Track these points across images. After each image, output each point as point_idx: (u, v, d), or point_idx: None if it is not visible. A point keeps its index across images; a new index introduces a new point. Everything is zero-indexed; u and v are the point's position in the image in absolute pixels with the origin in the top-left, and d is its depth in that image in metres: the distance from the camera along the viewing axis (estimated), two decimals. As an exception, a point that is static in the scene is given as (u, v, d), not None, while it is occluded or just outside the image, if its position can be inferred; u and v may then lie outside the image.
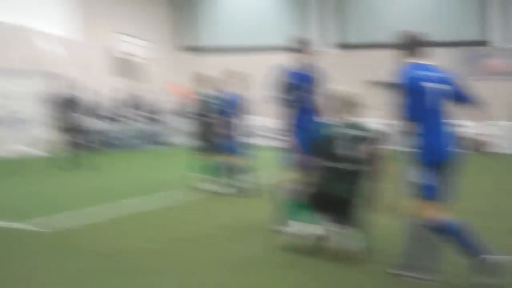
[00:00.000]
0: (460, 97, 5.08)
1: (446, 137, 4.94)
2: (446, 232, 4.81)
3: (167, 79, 23.92)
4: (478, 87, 9.36)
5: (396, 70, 5.06)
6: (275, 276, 5.32)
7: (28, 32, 18.46)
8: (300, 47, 7.03)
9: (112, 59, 22.23)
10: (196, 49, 25.80)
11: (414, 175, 4.92)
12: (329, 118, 5.98)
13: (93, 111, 18.22)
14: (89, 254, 6.00)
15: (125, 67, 22.81)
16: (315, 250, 5.90)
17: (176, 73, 24.03)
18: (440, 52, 19.51)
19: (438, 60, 5.87)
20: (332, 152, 5.64)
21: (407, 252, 5.03)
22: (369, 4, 23.06)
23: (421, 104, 4.89)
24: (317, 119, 6.72)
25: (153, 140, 21.31)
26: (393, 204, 5.29)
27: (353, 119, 5.75)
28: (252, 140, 10.32)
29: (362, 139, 5.63)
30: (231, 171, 9.88)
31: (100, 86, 20.22)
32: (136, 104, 21.65)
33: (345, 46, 23.11)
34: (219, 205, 9.09)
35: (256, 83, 9.94)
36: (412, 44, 5.12)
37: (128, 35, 22.64)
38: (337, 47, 23.08)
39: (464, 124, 5.81)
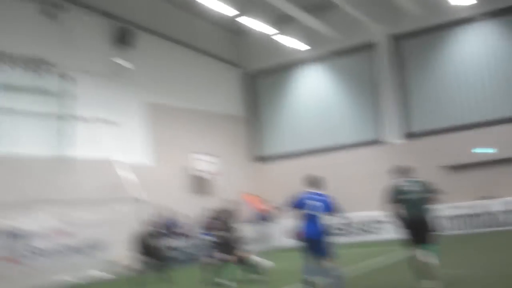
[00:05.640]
0: (329, 209, 9.09)
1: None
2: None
3: (242, 190, 24.70)
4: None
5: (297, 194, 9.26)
6: None
7: (108, 163, 19.03)
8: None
9: (188, 178, 23.13)
10: (265, 159, 27.34)
11: None
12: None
13: (170, 230, 19.14)
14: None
15: (200, 184, 23.61)
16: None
17: (250, 183, 25.96)
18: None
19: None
20: None
21: None
22: (430, 94, 23.75)
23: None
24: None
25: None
26: None
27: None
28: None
29: None
30: None
31: (177, 204, 20.84)
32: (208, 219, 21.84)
33: (410, 135, 23.94)
34: None
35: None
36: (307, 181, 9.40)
37: (201, 153, 23.47)
38: (403, 137, 24.00)
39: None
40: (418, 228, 9.12)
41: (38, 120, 17.64)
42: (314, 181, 9.42)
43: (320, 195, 9.22)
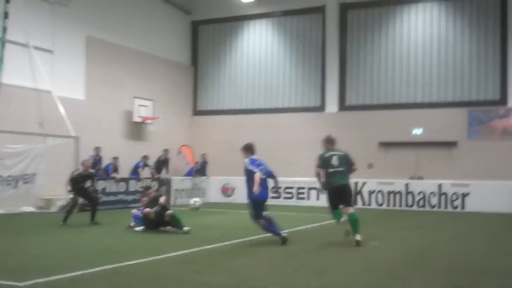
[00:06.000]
0: (268, 172, 10.64)
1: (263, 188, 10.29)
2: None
3: (178, 141, 24.97)
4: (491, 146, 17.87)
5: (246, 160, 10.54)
6: None
7: (44, 94, 18.36)
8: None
9: (123, 120, 22.63)
10: (204, 112, 26.98)
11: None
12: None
13: (103, 172, 19.29)
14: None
15: (135, 129, 23.15)
16: None
17: (186, 134, 26.11)
18: (451, 112, 21.78)
19: (449, 120, 19.26)
20: None
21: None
22: (367, 70, 24.06)
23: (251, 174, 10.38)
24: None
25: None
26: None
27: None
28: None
29: None
30: None
31: (109, 145, 20.71)
32: (147, 165, 21.40)
33: (345, 107, 24.19)
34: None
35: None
36: (249, 148, 10.67)
37: (145, 99, 23.03)
38: (342, 108, 24.24)
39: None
40: (339, 195, 10.61)
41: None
42: (254, 149, 10.75)
43: (261, 160, 10.69)
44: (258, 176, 10.20)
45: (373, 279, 7.37)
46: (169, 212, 12.32)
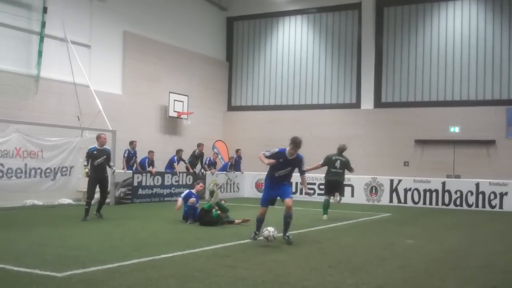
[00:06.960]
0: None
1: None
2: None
3: (214, 136, 25.20)
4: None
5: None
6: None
7: (87, 90, 18.73)
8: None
9: (159, 115, 22.86)
10: (239, 107, 27.10)
11: None
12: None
13: (140, 166, 19.59)
14: None
15: (170, 123, 23.34)
16: None
17: (221, 130, 26.34)
18: (489, 110, 21.42)
19: (487, 118, 16.67)
20: None
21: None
22: (403, 67, 23.85)
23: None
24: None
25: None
26: None
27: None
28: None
29: None
30: None
31: (150, 141, 21.36)
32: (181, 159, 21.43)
33: (381, 104, 23.94)
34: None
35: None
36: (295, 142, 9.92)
37: (180, 94, 23.24)
38: (378, 105, 23.98)
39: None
40: (334, 186, 14.86)
41: (7, 33, 17.01)
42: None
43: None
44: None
45: (409, 277, 7.27)
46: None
